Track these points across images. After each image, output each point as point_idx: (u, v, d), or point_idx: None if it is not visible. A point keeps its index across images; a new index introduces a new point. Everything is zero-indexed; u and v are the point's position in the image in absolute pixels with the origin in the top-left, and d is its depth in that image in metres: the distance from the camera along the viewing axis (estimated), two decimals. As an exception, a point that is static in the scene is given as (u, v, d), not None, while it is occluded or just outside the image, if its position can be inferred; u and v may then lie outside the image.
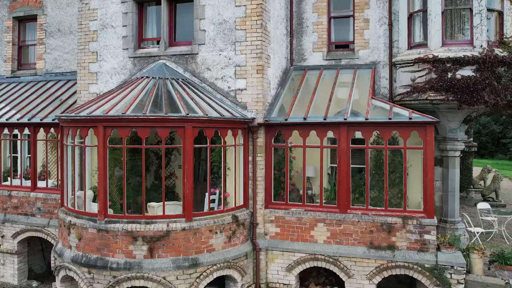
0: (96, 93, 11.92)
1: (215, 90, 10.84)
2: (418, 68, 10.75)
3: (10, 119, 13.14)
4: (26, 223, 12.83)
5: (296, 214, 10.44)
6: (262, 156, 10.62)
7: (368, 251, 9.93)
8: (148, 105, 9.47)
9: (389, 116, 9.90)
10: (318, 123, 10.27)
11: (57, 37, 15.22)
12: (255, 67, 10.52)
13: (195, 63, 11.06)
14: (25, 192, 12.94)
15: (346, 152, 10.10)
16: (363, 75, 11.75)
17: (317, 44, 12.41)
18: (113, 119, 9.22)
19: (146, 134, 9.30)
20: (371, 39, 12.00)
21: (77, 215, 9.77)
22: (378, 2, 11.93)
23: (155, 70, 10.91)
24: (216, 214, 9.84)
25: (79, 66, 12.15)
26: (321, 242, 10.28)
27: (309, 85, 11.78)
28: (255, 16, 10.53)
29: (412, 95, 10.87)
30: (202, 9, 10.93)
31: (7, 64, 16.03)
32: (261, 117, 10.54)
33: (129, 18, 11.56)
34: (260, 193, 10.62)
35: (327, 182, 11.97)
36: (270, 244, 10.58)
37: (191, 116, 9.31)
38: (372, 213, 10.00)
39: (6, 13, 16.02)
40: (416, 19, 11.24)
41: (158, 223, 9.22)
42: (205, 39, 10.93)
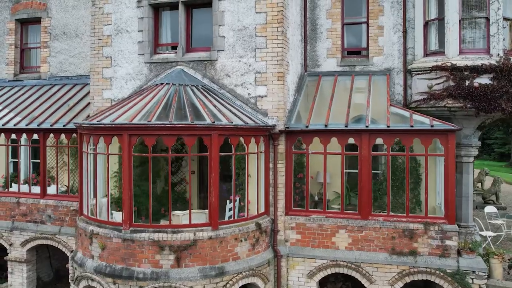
0: (111, 99, 11.77)
1: (235, 96, 10.81)
2: (436, 76, 10.90)
3: (18, 125, 12.86)
4: (35, 230, 12.59)
5: (317, 220, 10.49)
6: (283, 163, 10.63)
7: (390, 257, 10.03)
8: (173, 113, 9.39)
9: (411, 123, 10.02)
10: (339, 130, 10.33)
11: (62, 40, 14.97)
12: (276, 74, 10.53)
13: (214, 69, 11.00)
14: (34, 199, 12.69)
15: (367, 159, 10.19)
16: (378, 82, 11.86)
17: (331, 50, 12.48)
18: (139, 127, 9.11)
19: (173, 142, 9.23)
20: (385, 45, 12.13)
21: (99, 224, 9.62)
22: (392, 9, 12.06)
23: (174, 76, 10.82)
24: (240, 222, 9.82)
25: (92, 71, 11.96)
26: (343, 249, 10.35)
27: (325, 91, 11.84)
28: (276, 23, 10.53)
29: (429, 102, 11.03)
30: (221, 15, 10.88)
31: (10, 67, 15.70)
32: (282, 124, 10.55)
33: (145, 23, 11.44)
34: (281, 200, 10.64)
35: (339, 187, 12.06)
36: (290, 251, 10.60)
37: (217, 124, 9.27)
38: (393, 220, 10.10)
39: (8, 15, 15.68)
40: (432, 27, 11.40)
41: (185, 232, 9.15)
42: (224, 45, 10.89)
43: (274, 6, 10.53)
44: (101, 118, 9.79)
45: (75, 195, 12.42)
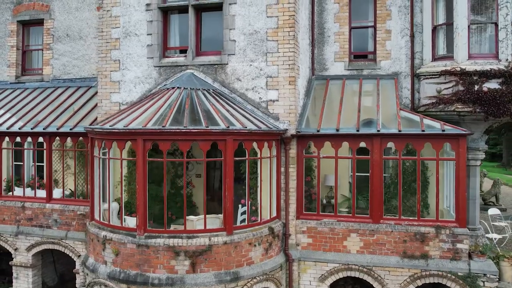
0: (119, 103, 11.69)
1: (246, 101, 10.80)
2: (445, 80, 11.00)
3: (23, 128, 12.72)
4: (41, 235, 12.47)
5: (329, 224, 10.52)
6: (294, 167, 10.65)
7: (402, 261, 10.11)
8: (187, 118, 9.36)
9: (422, 128, 10.10)
10: (350, 134, 10.38)
11: (65, 42, 14.84)
12: (288, 78, 10.55)
13: (225, 73, 10.99)
14: (40, 203, 12.57)
15: (379, 163, 10.25)
16: (386, 86, 11.94)
17: (339, 54, 12.53)
18: (154, 132, 9.07)
19: (188, 147, 9.20)
20: (393, 50, 12.21)
21: (113, 229, 9.56)
22: (399, 14, 12.14)
23: (185, 80, 10.79)
24: (254, 226, 9.83)
25: (100, 75, 11.87)
26: (354, 252, 10.40)
27: (334, 95, 11.88)
28: (287, 28, 10.54)
29: (438, 106, 11.12)
30: (232, 19, 10.87)
31: (11, 69, 15.53)
32: (293, 128, 10.57)
33: (154, 27, 11.38)
34: (292, 204, 10.66)
35: (348, 190, 12.15)
36: (302, 254, 10.63)
37: (232, 129, 9.27)
38: (405, 223, 10.18)
39: (9, 17, 15.50)
40: (440, 31, 11.50)
41: (200, 238, 9.13)
42: (235, 49, 10.88)
43: (286, 10, 10.54)
44: (114, 122, 9.72)
45: (82, 199, 12.36)
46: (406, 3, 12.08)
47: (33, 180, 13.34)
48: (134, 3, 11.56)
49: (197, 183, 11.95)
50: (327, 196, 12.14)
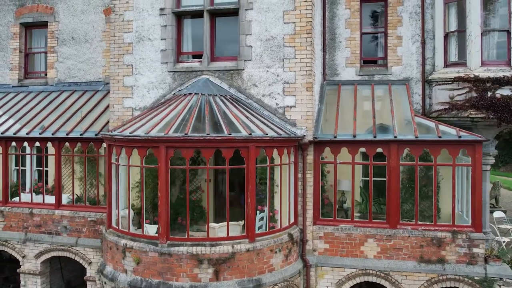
0: (132, 108, 11.57)
1: (262, 106, 10.80)
2: (458, 87, 11.16)
3: (30, 133, 12.51)
4: (50, 242, 12.29)
5: (346, 230, 10.58)
6: (311, 173, 10.69)
7: (419, 265, 10.22)
8: (208, 125, 9.32)
9: (438, 134, 10.22)
10: (367, 140, 10.45)
11: (70, 45, 14.64)
12: (305, 85, 10.58)
13: (241, 79, 10.96)
14: (49, 209, 12.38)
15: (396, 169, 10.35)
16: (398, 91, 12.05)
17: (350, 59, 12.60)
18: (177, 140, 9.00)
19: (211, 154, 9.15)
20: (404, 56, 12.33)
21: (133, 238, 9.46)
22: (410, 20, 12.27)
23: (201, 86, 10.73)
24: (274, 233, 9.84)
25: (113, 80, 11.74)
26: (371, 257, 10.47)
27: (346, 100, 11.94)
28: (304, 34, 10.57)
29: (451, 112, 11.28)
30: (248, 25, 10.85)
31: (14, 72, 15.26)
32: (310, 135, 10.61)
33: (169, 31, 11.29)
34: (309, 209, 10.69)
35: (359, 195, 12.26)
36: (319, 260, 10.67)
37: (254, 136, 9.25)
38: (421, 228, 10.30)
39: (12, 19, 15.22)
40: (452, 38, 11.66)
41: (223, 245, 9.10)
42: (251, 55, 10.86)
43: (303, 17, 10.57)
44: (133, 129, 9.62)
45: (93, 206, 12.21)
46: (417, 10, 12.22)
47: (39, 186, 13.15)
48: (147, 7, 11.46)
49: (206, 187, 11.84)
50: (339, 200, 12.20)
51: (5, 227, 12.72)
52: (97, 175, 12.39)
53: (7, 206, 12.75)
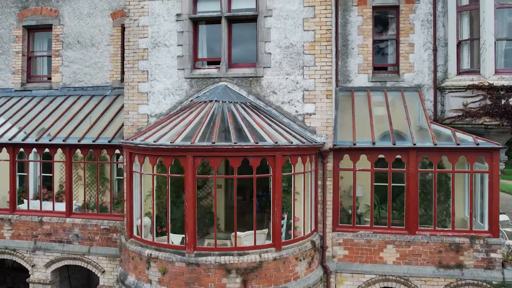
0: (147, 114, 11.43)
1: (282, 114, 10.80)
2: (472, 94, 11.36)
3: (40, 140, 12.24)
4: (61, 251, 12.07)
5: (365, 236, 10.67)
6: (331, 180, 10.74)
7: (438, 270, 10.38)
8: (234, 133, 9.27)
9: (456, 142, 10.40)
10: (387, 148, 10.56)
11: (76, 49, 14.37)
12: (325, 92, 10.62)
13: (260, 86, 10.94)
14: (59, 217, 12.17)
15: (414, 176, 10.48)
16: (411, 98, 12.21)
17: (362, 66, 12.71)
18: (205, 149, 8.94)
19: (238, 163, 9.11)
20: (416, 63, 12.49)
21: (158, 248, 9.35)
22: (422, 28, 12.44)
23: (221, 93, 10.67)
24: (298, 241, 9.85)
25: (127, 86, 11.57)
26: (391, 263, 10.59)
27: (361, 106, 12.04)
28: (324, 41, 10.61)
29: (464, 119, 11.48)
30: (267, 32, 10.83)
31: (16, 76, 14.90)
32: (330, 142, 10.66)
33: (185, 37, 11.19)
34: (329, 216, 10.75)
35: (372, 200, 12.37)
36: (338, 266, 10.73)
37: (281, 145, 9.25)
38: (440, 234, 10.46)
39: (14, 21, 14.86)
40: (464, 46, 11.87)
41: (250, 254, 9.08)
42: (270, 62, 10.85)
43: (323, 24, 10.61)
44: (156, 137, 9.50)
45: (106, 214, 12.05)
46: (429, 18, 12.40)
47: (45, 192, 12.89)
48: (163, 13, 11.34)
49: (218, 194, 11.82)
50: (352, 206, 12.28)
51: (13, 235, 12.44)
52: (110, 182, 12.22)
53: (15, 214, 12.47)
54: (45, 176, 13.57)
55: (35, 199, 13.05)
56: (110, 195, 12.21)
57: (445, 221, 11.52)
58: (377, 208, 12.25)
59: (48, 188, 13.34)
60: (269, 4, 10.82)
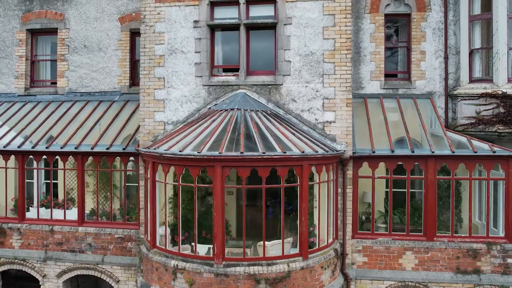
0: (164, 122, 11.30)
1: (301, 122, 10.81)
2: (485, 102, 11.60)
3: (50, 147, 11.98)
4: (73, 260, 11.85)
5: (384, 243, 10.79)
6: (351, 188, 10.82)
7: (456, 276, 10.57)
8: (260, 143, 9.25)
9: (473, 150, 10.58)
10: (405, 155, 10.68)
11: (83, 54, 14.11)
12: (345, 100, 10.68)
13: (279, 94, 10.93)
14: (71, 226, 11.93)
15: (433, 183, 10.64)
16: (424, 105, 12.39)
17: (375, 73, 12.83)
18: (233, 159, 8.88)
19: (267, 173, 9.08)
20: (427, 70, 12.68)
21: (184, 258, 9.25)
22: (434, 36, 12.63)
23: (241, 101, 10.62)
24: (323, 249, 9.89)
25: (143, 93, 11.41)
26: (409, 269, 10.72)
27: (375, 113, 12.15)
28: (344, 50, 10.67)
29: (477, 126, 11.71)
30: (287, 40, 10.83)
31: (20, 80, 14.55)
32: (350, 150, 10.72)
33: (203, 44, 11.10)
34: (349, 224, 10.82)
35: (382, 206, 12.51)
36: (358, 273, 10.82)
37: (308, 154, 9.27)
38: (457, 240, 10.64)
39: (17, 25, 14.50)
40: (476, 55, 12.10)
41: (279, 264, 9.08)
42: (290, 70, 10.85)
43: (343, 33, 10.67)
44: (181, 146, 9.39)
45: (120, 222, 11.90)
46: (440, 26, 12.59)
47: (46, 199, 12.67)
48: (180, 19, 11.22)
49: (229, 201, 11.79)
50: (365, 212, 12.41)
51: (23, 245, 12.15)
52: (124, 190, 12.06)
53: (24, 223, 12.18)
54: (48, 183, 13.42)
55: (41, 206, 12.79)
56: (124, 203, 12.02)
57: (456, 226, 11.72)
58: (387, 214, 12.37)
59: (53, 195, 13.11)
60: (288, 12, 10.82)
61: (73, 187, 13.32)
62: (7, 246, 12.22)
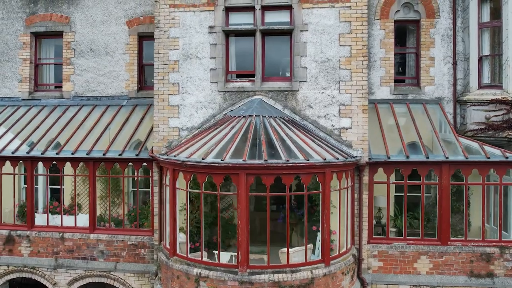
0: (178, 128, 11.23)
1: (318, 128, 10.86)
2: (494, 108, 11.81)
3: (60, 153, 11.80)
4: (85, 268, 11.71)
5: (399, 248, 10.91)
6: (367, 193, 10.91)
7: (469, 280, 10.74)
8: (283, 150, 9.27)
9: (486, 155, 10.77)
10: (420, 161, 10.82)
11: (89, 58, 13.91)
12: (361, 107, 10.77)
13: (296, 100, 10.96)
14: (83, 233, 11.78)
15: (447, 188, 10.80)
16: (433, 110, 12.54)
17: (385, 78, 12.94)
18: (258, 167, 8.89)
19: (291, 181, 9.12)
20: (436, 76, 12.84)
21: (207, 266, 9.22)
22: (442, 42, 12.81)
23: (258, 107, 10.62)
24: (343, 255, 9.96)
25: (157, 98, 11.31)
26: (424, 274, 10.86)
27: (386, 119, 12.26)
28: (360, 57, 10.76)
29: (487, 132, 11.92)
30: (303, 46, 10.87)
31: (24, 84, 14.28)
32: (366, 156, 10.81)
33: (219, 50, 11.07)
34: (365, 229, 10.91)
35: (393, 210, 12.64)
36: (373, 278, 10.91)
37: (331, 162, 9.33)
38: (471, 244, 10.82)
39: (21, 27, 14.22)
40: (485, 62, 12.32)
41: (302, 271, 9.12)
42: (306, 76, 10.89)
43: (359, 40, 10.75)
44: (202, 153, 9.34)
45: (133, 229, 11.78)
46: (449, 33, 12.78)
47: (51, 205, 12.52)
48: (195, 24, 11.16)
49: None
50: (376, 216, 12.51)
51: (32, 253, 11.95)
52: (137, 196, 11.96)
53: (33, 231, 11.98)
54: (52, 189, 13.25)
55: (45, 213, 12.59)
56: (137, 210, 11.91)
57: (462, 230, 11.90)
58: (400, 218, 12.50)
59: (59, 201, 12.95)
60: (305, 19, 10.86)
61: (79, 193, 13.15)
62: (16, 254, 12.01)
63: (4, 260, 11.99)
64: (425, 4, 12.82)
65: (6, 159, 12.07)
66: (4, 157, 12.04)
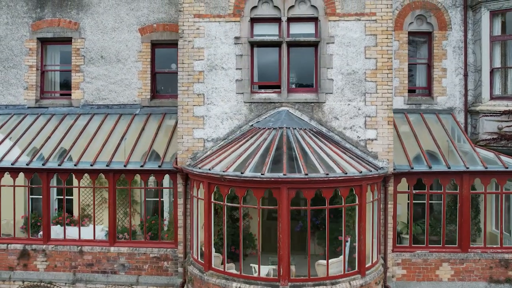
0: (203, 139, 11.13)
1: (344, 139, 10.99)
2: (507, 119, 12.27)
3: (78, 164, 11.50)
4: (106, 282, 11.46)
5: (422, 256, 11.18)
6: (391, 203, 11.13)
7: (489, 285, 11.14)
8: (320, 163, 9.34)
9: (504, 165, 11.19)
10: (442, 172, 11.13)
11: (99, 65, 13.59)
12: (386, 119, 10.97)
13: (322, 111, 11.06)
14: (102, 247, 11.52)
15: (467, 197, 11.15)
16: (446, 120, 12.91)
17: (399, 89, 13.23)
18: (299, 181, 8.93)
19: (330, 194, 9.20)
20: (448, 87, 13.24)
21: (247, 280, 9.18)
22: (454, 54, 13.20)
23: (286, 119, 10.65)
24: (375, 265, 10.13)
25: (181, 109, 11.17)
26: (446, 280, 11.18)
27: (404, 129, 12.55)
28: (386, 70, 10.95)
29: (499, 141, 12.38)
30: (330, 59, 10.98)
31: (30, 92, 13.80)
32: (391, 166, 11.03)
33: (245, 61, 11.04)
34: (390, 238, 11.12)
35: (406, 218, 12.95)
36: (398, 286, 11.15)
37: (367, 174, 9.48)
38: (490, 251, 11.22)
39: (27, 33, 13.73)
40: (496, 73, 12.78)
41: (341, 283, 9.22)
42: (332, 88, 11.00)
43: (384, 53, 10.94)
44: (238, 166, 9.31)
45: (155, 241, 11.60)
46: (460, 45, 13.18)
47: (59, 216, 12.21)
48: (220, 35, 11.09)
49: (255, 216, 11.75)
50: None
51: (48, 267, 11.59)
52: (159, 208, 11.78)
53: (49, 244, 11.62)
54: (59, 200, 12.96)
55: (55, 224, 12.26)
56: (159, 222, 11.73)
57: (475, 236, 12.34)
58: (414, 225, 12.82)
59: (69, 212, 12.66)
60: (331, 31, 10.96)
61: (89, 203, 12.88)
62: (31, 269, 11.61)
63: (19, 275, 11.57)
64: (437, 16, 13.17)
65: (19, 171, 11.65)
66: (18, 168, 11.62)
